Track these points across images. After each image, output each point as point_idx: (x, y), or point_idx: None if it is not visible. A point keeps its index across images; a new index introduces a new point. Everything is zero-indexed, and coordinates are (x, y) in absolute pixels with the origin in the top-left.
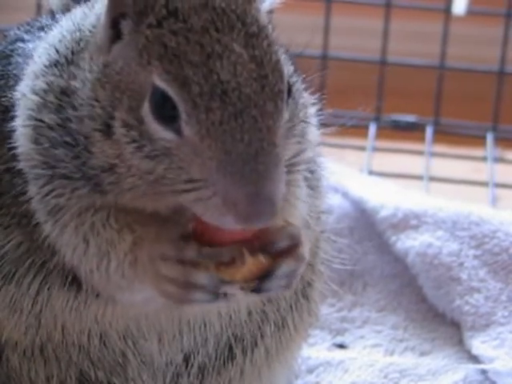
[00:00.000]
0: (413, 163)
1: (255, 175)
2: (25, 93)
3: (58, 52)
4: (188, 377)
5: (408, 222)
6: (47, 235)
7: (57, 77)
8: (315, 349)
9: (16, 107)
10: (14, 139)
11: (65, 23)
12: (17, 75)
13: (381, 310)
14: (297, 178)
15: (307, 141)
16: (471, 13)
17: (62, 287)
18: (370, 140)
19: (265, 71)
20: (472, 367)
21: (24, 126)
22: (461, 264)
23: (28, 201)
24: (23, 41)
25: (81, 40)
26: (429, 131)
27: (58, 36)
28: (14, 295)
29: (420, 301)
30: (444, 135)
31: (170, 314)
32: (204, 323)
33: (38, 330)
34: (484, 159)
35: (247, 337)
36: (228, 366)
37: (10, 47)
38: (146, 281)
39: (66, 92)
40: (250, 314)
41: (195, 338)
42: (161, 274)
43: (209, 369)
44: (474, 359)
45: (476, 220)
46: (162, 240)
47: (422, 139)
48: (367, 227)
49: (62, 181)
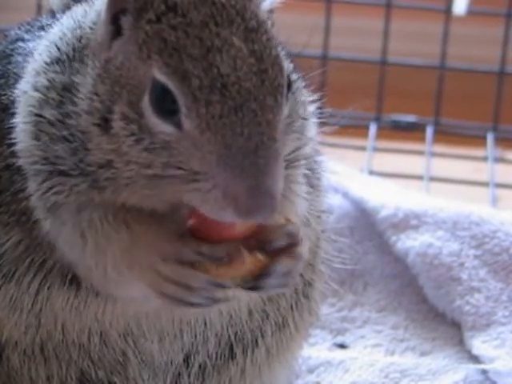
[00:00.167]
0: (413, 163)
1: (255, 169)
2: (26, 90)
3: (59, 49)
4: (188, 376)
5: (408, 222)
6: (46, 232)
7: (58, 73)
8: (316, 348)
9: (16, 105)
10: (14, 136)
11: (65, 21)
12: (17, 74)
13: (381, 310)
14: (296, 174)
15: (306, 137)
16: (472, 13)
17: (62, 286)
18: (371, 140)
19: (264, 65)
20: (472, 367)
21: (25, 123)
22: (461, 264)
23: (27, 198)
24: (23, 40)
25: (82, 37)
26: (429, 131)
27: (59, 34)
28: (14, 294)
29: (420, 301)
30: (444, 135)
31: (171, 313)
32: (205, 322)
33: (38, 329)
34: (484, 159)
35: (248, 336)
36: (228, 366)
37: (11, 46)
38: (144, 281)
39: (68, 88)
40: (251, 314)
41: (196, 338)
42: (161, 275)
43: (209, 368)
44: (475, 359)
45: (476, 220)
46: (161, 240)
47: (423, 139)
48: (367, 227)
49: (61, 178)
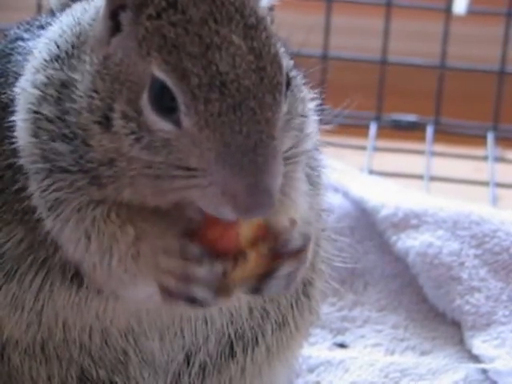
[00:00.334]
0: (413, 163)
1: (254, 167)
2: (25, 87)
3: (59, 47)
4: (189, 375)
5: (408, 222)
6: (49, 231)
7: (57, 70)
8: (316, 348)
9: (16, 103)
10: (15, 134)
11: (65, 18)
12: (16, 73)
13: (381, 310)
14: (296, 171)
15: (305, 135)
16: (472, 12)
17: (64, 283)
18: (371, 139)
19: (263, 63)
20: (473, 367)
21: (24, 120)
22: (461, 263)
23: (29, 197)
24: (23, 39)
25: (80, 34)
26: (429, 131)
27: (59, 31)
28: (16, 292)
29: (420, 300)
30: (444, 135)
31: (172, 312)
32: (205, 321)
33: (40, 328)
34: (485, 159)
35: (248, 335)
36: (229, 365)
37: (10, 46)
38: (148, 274)
39: (66, 85)
40: (251, 312)
41: (196, 336)
42: (160, 268)
43: (210, 367)
44: (475, 359)
45: (476, 219)
46: (166, 235)
47: (423, 139)
48: (368, 227)
49: (61, 174)
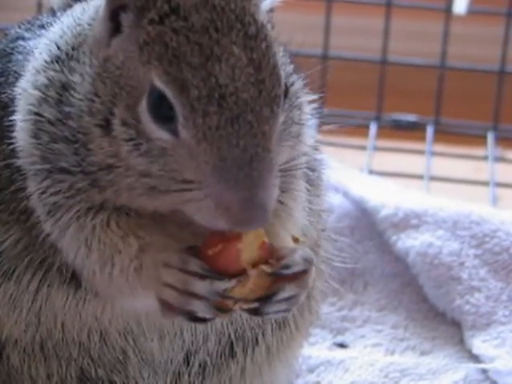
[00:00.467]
0: (413, 163)
1: (249, 181)
2: (25, 88)
3: (59, 48)
4: (189, 375)
5: (408, 222)
6: (47, 234)
7: (58, 72)
8: (316, 348)
9: (16, 103)
10: (14, 134)
11: (65, 19)
12: (17, 72)
13: (381, 310)
14: (293, 180)
15: (302, 142)
16: (472, 12)
17: (62, 285)
18: (371, 139)
19: (262, 76)
20: (473, 366)
21: (24, 121)
22: (461, 263)
23: (27, 197)
24: (24, 39)
25: (79, 34)
26: (429, 131)
27: (59, 32)
28: (14, 293)
29: (420, 300)
30: (445, 135)
31: None
32: None
33: (38, 328)
34: (485, 159)
35: (248, 335)
36: (229, 364)
37: (11, 45)
38: (149, 287)
39: (67, 87)
40: None
41: (196, 336)
42: (161, 281)
43: (210, 367)
44: (475, 358)
45: (476, 219)
46: (169, 249)
47: (423, 139)
48: (368, 227)
49: (61, 175)
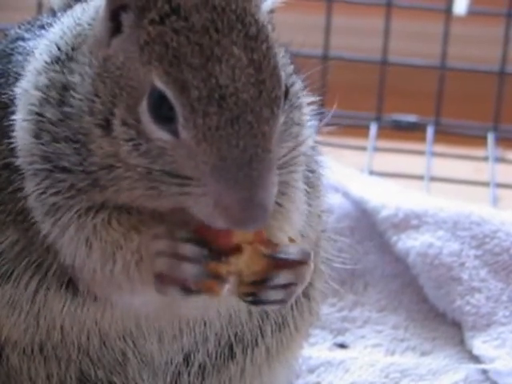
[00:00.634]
0: (414, 163)
1: (248, 181)
2: (26, 89)
3: (59, 48)
4: (188, 376)
5: (409, 222)
6: (45, 235)
7: (58, 73)
8: (316, 348)
9: (16, 103)
10: (14, 134)
11: (66, 20)
12: (17, 73)
13: (382, 310)
14: (292, 180)
15: (301, 142)
16: (472, 13)
17: (59, 289)
18: (371, 140)
19: (263, 76)
20: (473, 367)
21: (25, 121)
22: (462, 264)
23: (25, 198)
24: (24, 39)
25: (79, 34)
26: (430, 131)
27: (59, 33)
28: (12, 295)
29: (421, 301)
30: (445, 135)
31: (170, 314)
32: (204, 323)
33: (37, 329)
34: (485, 159)
35: (248, 336)
36: (228, 365)
37: (11, 46)
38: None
39: (67, 88)
40: (251, 313)
41: (195, 338)
42: (151, 253)
43: (209, 368)
44: (475, 359)
45: (477, 220)
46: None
47: (423, 139)
48: (368, 227)
49: (62, 174)
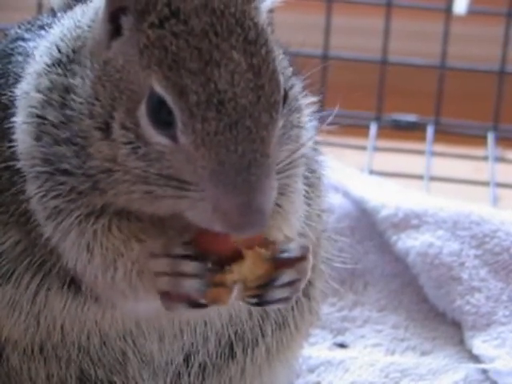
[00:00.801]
0: (413, 163)
1: (247, 186)
2: (27, 91)
3: (60, 51)
4: (189, 375)
5: (409, 222)
6: (48, 238)
7: (59, 75)
8: (316, 348)
9: (17, 105)
10: (15, 136)
11: (66, 21)
12: (17, 73)
13: (381, 310)
14: (291, 183)
15: (301, 145)
16: (472, 12)
17: (61, 289)
18: (371, 139)
19: (262, 81)
20: (473, 367)
21: (25, 123)
22: (461, 264)
23: (27, 200)
24: (24, 40)
25: (80, 36)
26: (429, 131)
27: (60, 34)
28: (13, 295)
29: (421, 300)
30: (445, 135)
31: (171, 315)
32: (204, 322)
33: (37, 330)
34: (485, 159)
35: (248, 336)
36: (229, 365)
37: (11, 46)
38: (151, 289)
39: (69, 90)
40: (251, 313)
41: (196, 337)
42: (153, 272)
43: (209, 367)
44: (475, 359)
45: (477, 220)
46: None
47: (423, 139)
48: (368, 227)
49: (63, 177)
